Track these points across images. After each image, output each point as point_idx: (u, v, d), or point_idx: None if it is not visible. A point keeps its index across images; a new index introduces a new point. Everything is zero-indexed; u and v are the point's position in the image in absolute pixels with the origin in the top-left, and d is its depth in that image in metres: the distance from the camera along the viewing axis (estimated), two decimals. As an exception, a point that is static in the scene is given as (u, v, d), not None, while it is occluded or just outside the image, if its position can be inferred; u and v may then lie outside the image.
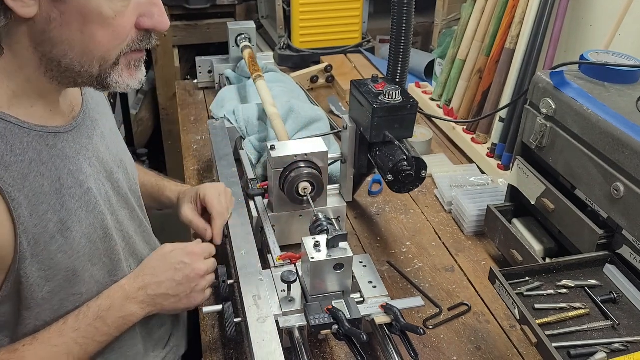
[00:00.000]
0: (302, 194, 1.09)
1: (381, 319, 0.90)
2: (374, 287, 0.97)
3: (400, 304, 0.91)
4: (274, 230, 1.10)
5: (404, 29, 1.10)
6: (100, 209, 0.84)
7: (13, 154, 0.72)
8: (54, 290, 0.80)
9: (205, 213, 1.05)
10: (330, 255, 0.90)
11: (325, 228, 1.02)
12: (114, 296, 0.86)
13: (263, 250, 1.09)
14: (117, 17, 0.71)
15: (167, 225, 1.12)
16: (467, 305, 1.06)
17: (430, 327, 1.02)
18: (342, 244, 0.91)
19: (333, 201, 1.19)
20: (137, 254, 0.95)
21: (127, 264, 0.92)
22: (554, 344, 0.79)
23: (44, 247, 0.76)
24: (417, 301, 0.94)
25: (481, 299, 1.08)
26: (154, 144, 2.89)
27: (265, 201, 1.16)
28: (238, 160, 1.33)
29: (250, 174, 1.27)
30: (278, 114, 1.33)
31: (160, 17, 0.75)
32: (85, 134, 0.84)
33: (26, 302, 0.79)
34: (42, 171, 0.75)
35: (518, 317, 0.84)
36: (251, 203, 1.16)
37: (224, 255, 1.12)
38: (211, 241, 1.02)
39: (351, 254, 0.91)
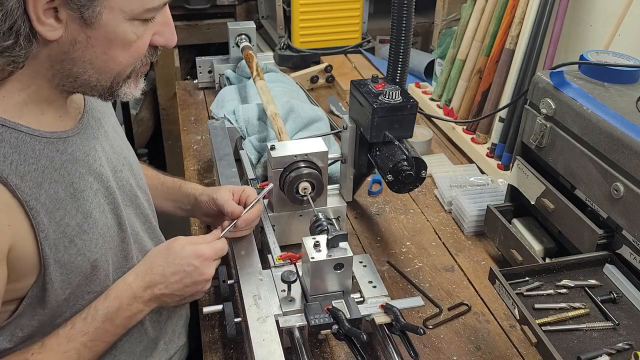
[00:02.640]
0: (302, 194, 1.09)
1: (381, 318, 0.90)
2: (374, 287, 0.97)
3: (400, 303, 0.91)
4: (274, 230, 1.10)
5: (404, 29, 1.10)
6: (111, 208, 0.86)
7: (26, 162, 0.73)
8: (73, 292, 0.82)
9: None
10: (330, 255, 0.90)
11: (325, 228, 1.02)
12: (122, 296, 0.85)
13: (263, 250, 1.09)
14: (137, 40, 0.75)
15: (169, 224, 1.13)
16: (467, 305, 1.07)
17: (430, 327, 1.02)
18: (342, 244, 0.91)
19: (333, 201, 1.19)
20: (144, 250, 0.97)
21: (136, 261, 0.93)
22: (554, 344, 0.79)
23: (64, 251, 0.78)
24: (417, 301, 0.94)
25: (481, 298, 1.09)
26: (154, 144, 2.89)
27: (266, 201, 1.16)
28: (238, 160, 1.33)
29: (250, 174, 1.27)
30: (278, 114, 1.33)
31: (171, 35, 0.80)
32: (91, 135, 0.86)
33: (48, 305, 0.80)
34: (55, 177, 0.77)
35: (518, 317, 0.84)
36: (251, 203, 1.16)
37: (224, 255, 1.12)
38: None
39: (351, 254, 0.91)
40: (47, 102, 0.78)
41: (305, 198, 1.09)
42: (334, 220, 1.09)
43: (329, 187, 1.16)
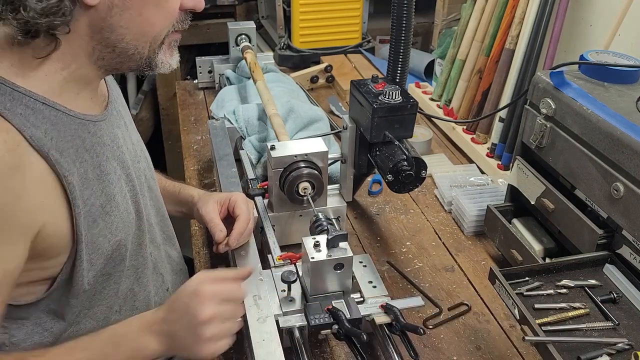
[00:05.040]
0: (302, 194, 1.09)
1: (381, 318, 0.90)
2: (374, 287, 0.97)
3: (400, 303, 0.91)
4: (274, 230, 1.10)
5: (404, 29, 1.10)
6: (131, 195, 0.88)
7: (63, 140, 0.76)
8: (96, 278, 0.84)
9: (225, 220, 1.05)
10: (330, 255, 0.90)
11: (325, 228, 1.02)
12: (132, 323, 0.81)
13: (263, 250, 1.09)
14: (169, 0, 0.77)
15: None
16: (467, 305, 1.07)
17: (430, 327, 1.02)
18: (342, 244, 0.91)
19: (333, 201, 1.19)
20: (155, 240, 0.98)
21: (149, 250, 0.95)
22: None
23: (88, 230, 0.80)
24: (417, 301, 0.94)
25: (481, 298, 1.09)
26: (154, 144, 2.89)
27: (265, 201, 1.16)
28: (238, 160, 1.33)
29: (250, 174, 1.27)
30: (278, 114, 1.33)
31: None
32: (115, 123, 0.88)
33: (75, 289, 0.82)
34: (85, 158, 0.79)
35: (518, 317, 0.84)
36: (251, 203, 1.16)
37: (224, 255, 1.12)
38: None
39: (351, 254, 0.91)
40: (84, 82, 0.80)
41: (305, 198, 1.09)
42: (334, 220, 1.09)
43: (329, 187, 1.16)
